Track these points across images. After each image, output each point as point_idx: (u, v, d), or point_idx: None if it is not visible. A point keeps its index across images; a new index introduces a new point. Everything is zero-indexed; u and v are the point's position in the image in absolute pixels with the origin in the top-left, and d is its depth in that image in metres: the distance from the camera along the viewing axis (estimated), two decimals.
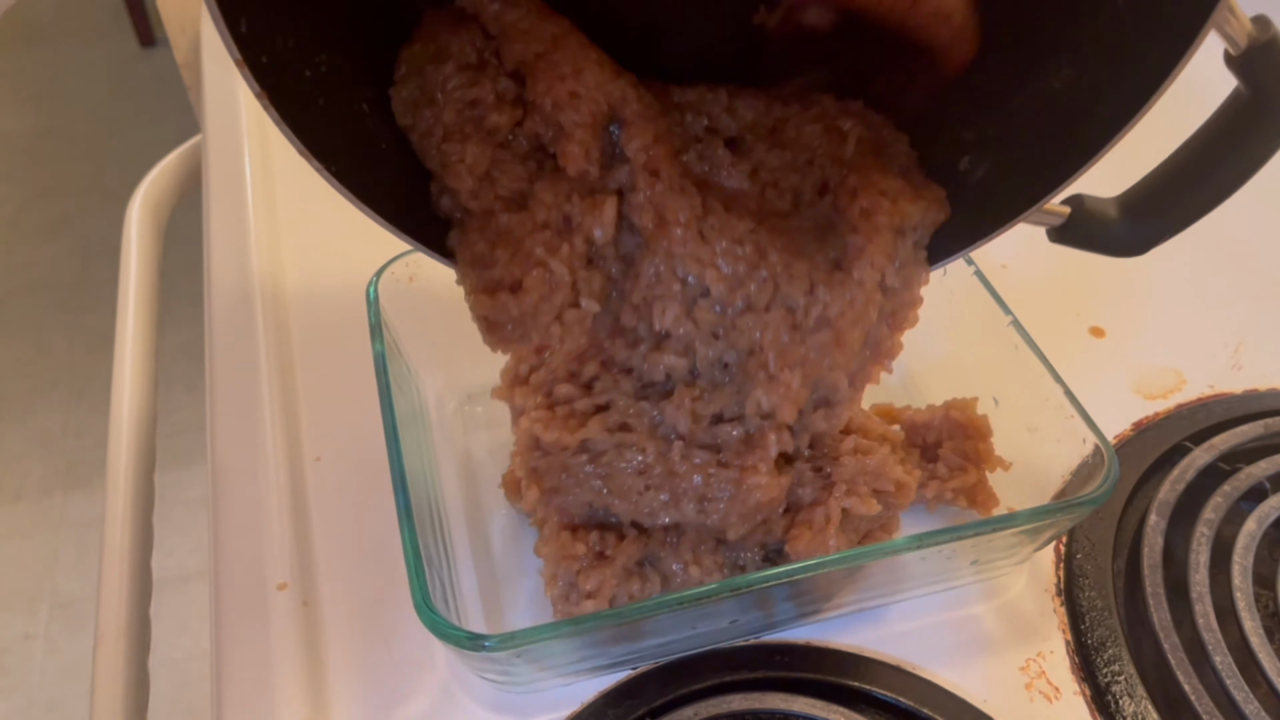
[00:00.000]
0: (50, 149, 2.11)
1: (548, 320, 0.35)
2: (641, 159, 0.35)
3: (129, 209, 0.69)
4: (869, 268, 0.36)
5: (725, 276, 0.36)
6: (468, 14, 0.35)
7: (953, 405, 0.45)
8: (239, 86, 0.71)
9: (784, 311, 0.36)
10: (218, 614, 0.42)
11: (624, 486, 0.38)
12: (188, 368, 1.24)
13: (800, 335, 0.36)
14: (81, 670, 1.30)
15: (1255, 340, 0.55)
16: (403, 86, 0.35)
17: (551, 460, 0.39)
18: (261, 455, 0.47)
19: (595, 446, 0.38)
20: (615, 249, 0.36)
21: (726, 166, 0.38)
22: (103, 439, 0.54)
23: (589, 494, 0.38)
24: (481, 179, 0.35)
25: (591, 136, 0.34)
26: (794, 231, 0.37)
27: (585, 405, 0.39)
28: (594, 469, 0.38)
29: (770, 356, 0.36)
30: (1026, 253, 0.60)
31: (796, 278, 0.36)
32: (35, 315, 1.78)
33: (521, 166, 0.36)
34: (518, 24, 0.35)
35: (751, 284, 0.36)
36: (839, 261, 0.37)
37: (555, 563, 0.38)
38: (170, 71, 0.99)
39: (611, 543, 0.39)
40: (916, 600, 0.43)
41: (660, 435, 0.38)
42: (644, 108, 0.36)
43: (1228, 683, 0.39)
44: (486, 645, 0.32)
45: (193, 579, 1.35)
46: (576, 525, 0.39)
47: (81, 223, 1.94)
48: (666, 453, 0.38)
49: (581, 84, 0.34)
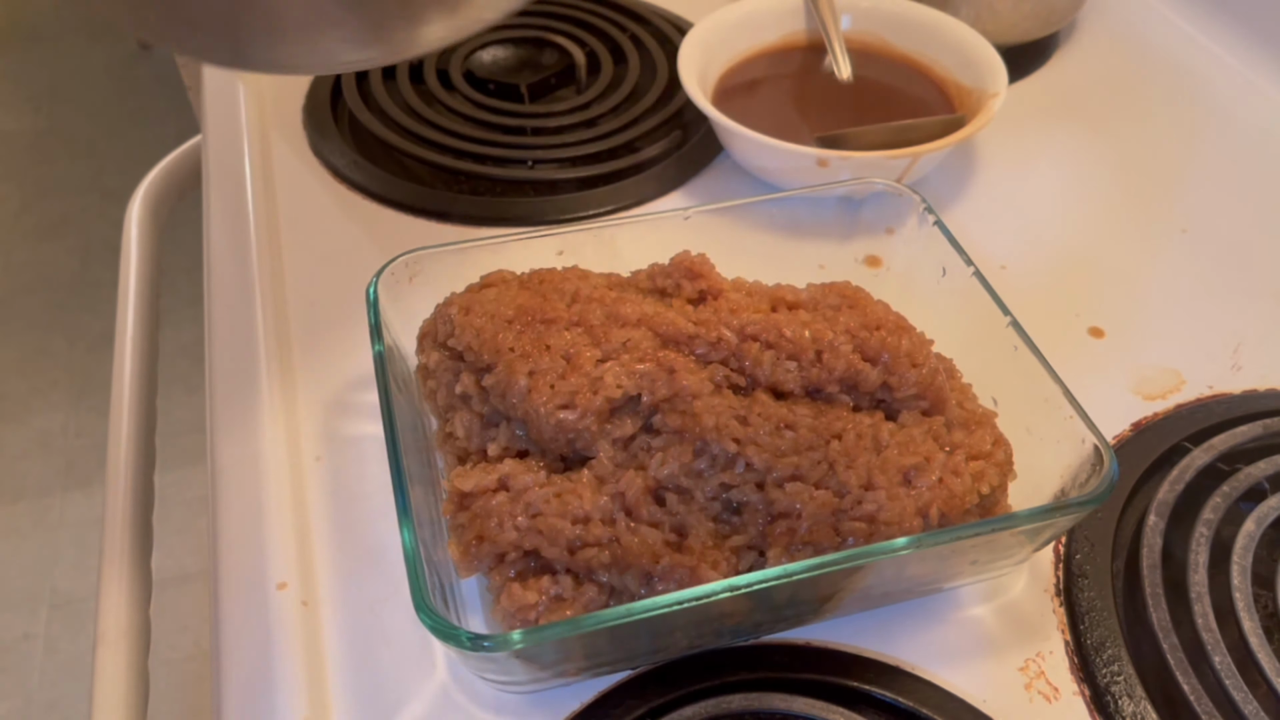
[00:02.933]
0: (50, 149, 2.11)
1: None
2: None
3: (129, 209, 0.69)
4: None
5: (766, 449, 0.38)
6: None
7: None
8: (239, 86, 0.71)
9: (830, 493, 0.38)
10: (218, 614, 0.42)
11: (554, 529, 0.37)
12: (188, 368, 1.24)
13: (838, 518, 0.37)
14: (81, 670, 1.30)
15: (1255, 340, 0.55)
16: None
17: (474, 509, 0.38)
18: (261, 455, 0.47)
19: (515, 484, 0.38)
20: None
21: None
22: (103, 439, 0.54)
23: (512, 534, 0.37)
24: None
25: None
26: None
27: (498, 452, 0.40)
28: (516, 507, 0.37)
29: (803, 527, 0.37)
30: (1026, 253, 0.60)
31: (855, 468, 0.38)
32: (35, 315, 1.78)
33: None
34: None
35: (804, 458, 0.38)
36: (910, 479, 0.38)
37: (510, 619, 0.36)
38: (170, 71, 0.99)
39: (568, 586, 0.37)
40: (915, 600, 0.43)
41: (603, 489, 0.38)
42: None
43: (1227, 683, 0.39)
44: (486, 645, 0.32)
45: (193, 579, 1.35)
46: (523, 573, 0.37)
47: (81, 223, 1.94)
48: (612, 513, 0.38)
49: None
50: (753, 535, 0.38)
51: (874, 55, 0.70)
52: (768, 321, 0.41)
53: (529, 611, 0.36)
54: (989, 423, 0.42)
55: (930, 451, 0.39)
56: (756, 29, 0.69)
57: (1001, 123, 0.68)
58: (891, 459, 0.38)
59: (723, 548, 0.37)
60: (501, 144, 0.66)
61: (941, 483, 0.38)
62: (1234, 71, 0.75)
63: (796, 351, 0.41)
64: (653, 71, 0.73)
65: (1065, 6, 0.74)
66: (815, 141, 0.61)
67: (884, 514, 0.37)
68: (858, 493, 0.37)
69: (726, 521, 0.38)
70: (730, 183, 0.64)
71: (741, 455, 0.38)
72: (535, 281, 0.44)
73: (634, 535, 0.37)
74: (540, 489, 0.38)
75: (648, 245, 0.48)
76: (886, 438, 0.39)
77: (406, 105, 0.70)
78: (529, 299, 0.42)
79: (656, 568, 0.36)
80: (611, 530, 0.37)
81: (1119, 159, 0.68)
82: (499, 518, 0.37)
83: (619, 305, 0.42)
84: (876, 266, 0.52)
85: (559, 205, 0.62)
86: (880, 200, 0.50)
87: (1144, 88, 0.74)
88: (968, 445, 0.40)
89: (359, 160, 0.65)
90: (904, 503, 0.37)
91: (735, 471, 0.38)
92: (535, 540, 0.37)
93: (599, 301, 0.42)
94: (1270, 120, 0.71)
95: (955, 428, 0.41)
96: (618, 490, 0.38)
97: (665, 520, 0.38)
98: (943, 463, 0.38)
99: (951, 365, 0.44)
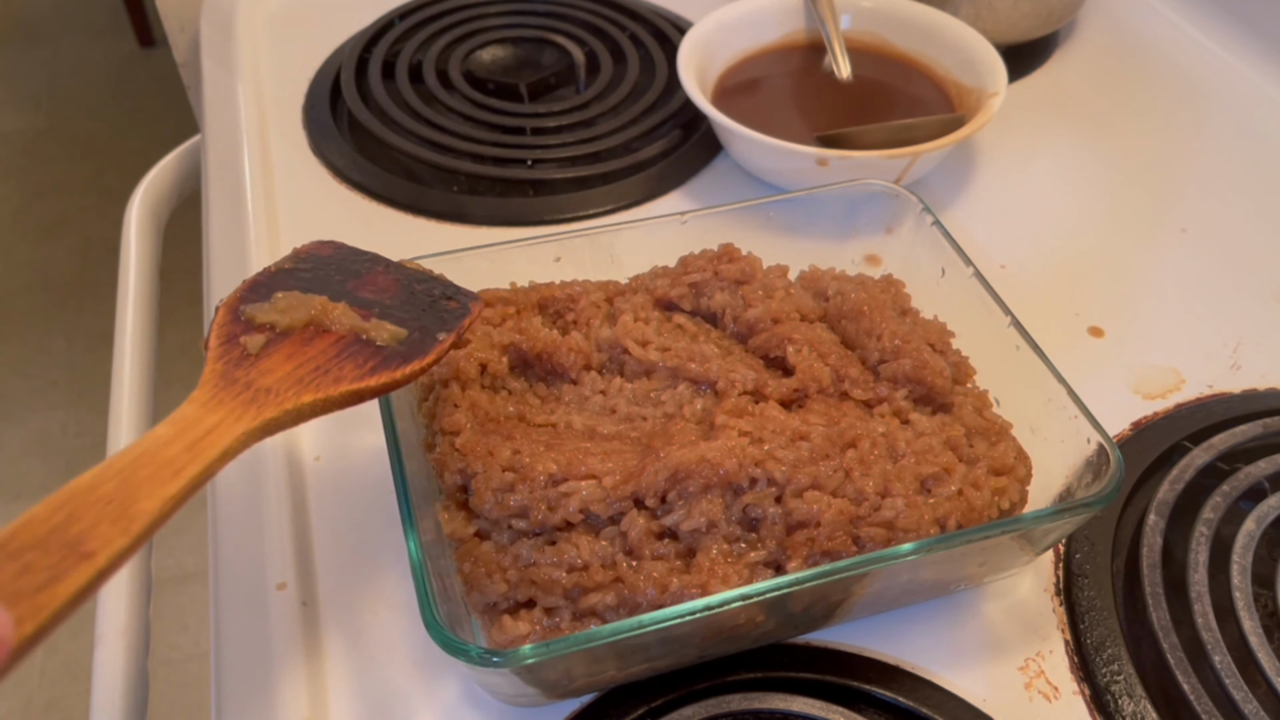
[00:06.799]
0: (50, 149, 2.11)
1: None
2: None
3: (128, 209, 0.69)
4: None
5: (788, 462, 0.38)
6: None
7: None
8: (238, 86, 0.71)
9: (848, 501, 0.37)
10: (218, 614, 0.42)
11: (549, 580, 0.36)
12: (188, 368, 1.24)
13: (856, 525, 0.37)
14: (81, 670, 1.30)
15: (1254, 340, 0.55)
16: None
17: (463, 550, 0.38)
18: (261, 455, 0.47)
19: (500, 535, 0.37)
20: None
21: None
22: (103, 439, 0.54)
23: (503, 586, 0.36)
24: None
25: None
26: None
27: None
28: (504, 558, 0.37)
29: (822, 535, 0.36)
30: (1025, 253, 0.60)
31: (872, 477, 0.38)
32: (35, 315, 1.78)
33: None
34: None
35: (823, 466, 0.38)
36: (929, 487, 0.38)
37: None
38: (170, 71, 0.99)
39: (564, 618, 0.36)
40: (916, 602, 0.43)
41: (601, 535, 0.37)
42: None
43: (1226, 682, 0.39)
44: (495, 661, 0.32)
45: (192, 579, 1.35)
46: (514, 607, 0.37)
47: (81, 223, 1.94)
48: (611, 555, 0.37)
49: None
50: (771, 549, 0.37)
51: (874, 55, 0.70)
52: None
53: (523, 643, 0.35)
54: (1008, 434, 0.41)
55: (949, 463, 0.38)
56: (756, 28, 0.69)
57: (1001, 122, 0.68)
58: (908, 468, 0.38)
59: (738, 564, 0.36)
60: (501, 143, 0.66)
61: (961, 495, 0.38)
62: (1234, 71, 0.75)
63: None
64: (652, 71, 0.73)
65: (1065, 6, 0.74)
66: (815, 141, 0.61)
67: (902, 520, 0.36)
68: (875, 500, 0.37)
69: (742, 539, 0.37)
70: (729, 182, 0.64)
71: (764, 474, 0.37)
72: (533, 299, 0.44)
73: (638, 574, 0.36)
74: (530, 539, 0.37)
75: (645, 250, 0.48)
76: (903, 446, 0.39)
77: (406, 105, 0.70)
78: (507, 408, 0.41)
79: (666, 596, 0.35)
80: (613, 572, 0.36)
81: (1118, 159, 0.68)
82: (487, 568, 0.36)
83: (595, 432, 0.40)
84: (876, 266, 0.52)
85: (558, 204, 0.62)
86: (879, 200, 0.50)
87: (1143, 88, 0.74)
88: (990, 458, 0.39)
89: (359, 160, 0.65)
90: (922, 510, 0.37)
91: (757, 490, 0.37)
92: (529, 591, 0.36)
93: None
94: (1270, 120, 0.71)
95: (975, 437, 0.41)
96: (619, 532, 0.37)
97: (671, 550, 0.37)
98: (963, 475, 0.38)
99: (966, 361, 0.44)
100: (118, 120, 2.18)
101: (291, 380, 0.33)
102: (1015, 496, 0.39)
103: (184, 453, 0.29)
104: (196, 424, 0.30)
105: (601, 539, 0.37)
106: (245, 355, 0.34)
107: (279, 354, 0.34)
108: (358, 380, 0.34)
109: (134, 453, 0.29)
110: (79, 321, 1.76)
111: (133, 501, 0.27)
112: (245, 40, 0.76)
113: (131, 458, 0.28)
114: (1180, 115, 0.72)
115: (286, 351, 0.34)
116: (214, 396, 0.32)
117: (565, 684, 0.38)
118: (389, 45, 0.75)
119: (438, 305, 0.39)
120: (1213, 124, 0.71)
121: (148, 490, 0.28)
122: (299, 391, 0.33)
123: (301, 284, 0.37)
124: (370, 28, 0.77)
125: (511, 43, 0.76)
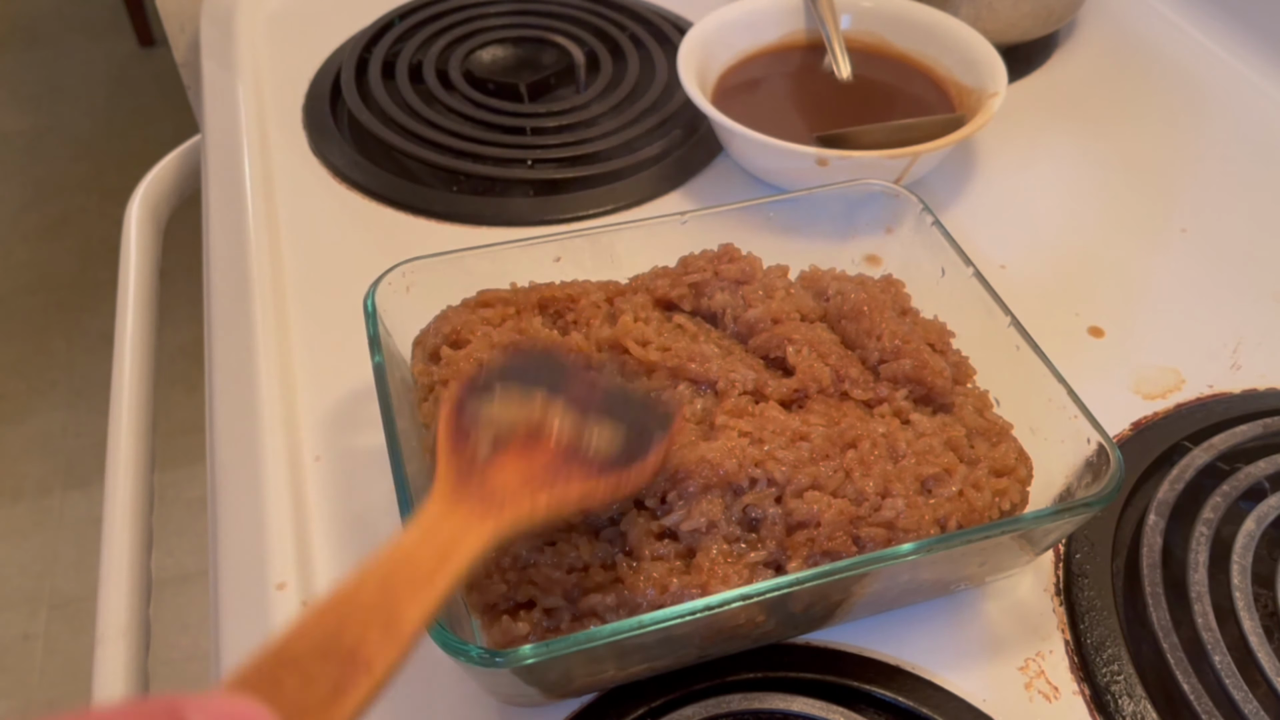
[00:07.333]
0: (50, 149, 2.11)
1: None
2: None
3: (129, 209, 0.69)
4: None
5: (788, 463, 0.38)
6: None
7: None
8: (238, 86, 0.71)
9: (848, 501, 0.37)
10: (218, 614, 0.42)
11: (548, 580, 0.36)
12: (188, 368, 1.24)
13: (856, 525, 0.37)
14: (81, 670, 1.30)
15: (1254, 340, 0.55)
16: None
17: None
18: (261, 455, 0.47)
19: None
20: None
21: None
22: (103, 439, 0.54)
23: (501, 587, 0.36)
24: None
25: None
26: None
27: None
28: (503, 558, 0.37)
29: (822, 535, 0.36)
30: (1025, 253, 0.60)
31: (873, 477, 0.38)
32: (35, 315, 1.78)
33: None
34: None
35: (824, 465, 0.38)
36: (929, 488, 0.38)
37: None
38: (170, 71, 0.99)
39: (564, 619, 0.36)
40: (916, 602, 0.43)
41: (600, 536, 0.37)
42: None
43: (1227, 682, 0.39)
44: (497, 661, 0.32)
45: (193, 579, 1.35)
46: (513, 607, 0.37)
47: (81, 223, 1.94)
48: (611, 556, 0.37)
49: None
50: (771, 549, 0.37)
51: (874, 55, 0.70)
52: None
53: (521, 644, 0.35)
54: (1009, 435, 0.41)
55: (950, 463, 0.38)
56: (756, 28, 0.69)
57: (1001, 122, 0.68)
58: (909, 468, 0.38)
59: (738, 564, 0.36)
60: (501, 143, 0.66)
61: (962, 495, 0.38)
62: (1234, 71, 0.75)
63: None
64: (652, 71, 0.73)
65: (1065, 6, 0.74)
66: (815, 141, 0.61)
67: (903, 520, 0.36)
68: (875, 500, 0.37)
69: (742, 539, 0.37)
70: (729, 182, 0.64)
71: (764, 474, 0.37)
72: (533, 299, 0.44)
73: (638, 574, 0.36)
74: (528, 540, 0.37)
75: (645, 250, 0.48)
76: (904, 447, 0.39)
77: (406, 105, 0.70)
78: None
79: (666, 596, 0.35)
80: (613, 573, 0.36)
81: (1118, 159, 0.68)
82: (486, 568, 0.36)
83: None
84: (876, 266, 0.52)
85: (558, 204, 0.62)
86: (879, 200, 0.50)
87: (1143, 87, 0.74)
88: (991, 459, 0.39)
89: (359, 160, 0.65)
90: (922, 511, 0.37)
91: (757, 491, 0.37)
92: (529, 591, 0.36)
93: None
94: (1270, 120, 0.71)
95: (976, 437, 0.41)
96: (619, 532, 0.37)
97: (671, 550, 0.37)
98: (964, 475, 0.38)
99: (966, 361, 0.44)
100: (118, 120, 2.18)
101: (524, 478, 0.33)
102: (1016, 498, 0.39)
103: (434, 559, 0.29)
104: (440, 528, 0.30)
105: (601, 539, 0.37)
106: (475, 453, 0.33)
107: (508, 453, 0.33)
108: (585, 479, 0.34)
109: (388, 559, 0.28)
110: (79, 321, 1.76)
111: (397, 609, 0.26)
112: (245, 40, 0.76)
113: (387, 564, 0.28)
114: (1180, 115, 0.72)
115: (514, 450, 0.34)
116: (453, 495, 0.31)
117: (565, 684, 0.37)
118: (389, 45, 0.75)
119: (644, 403, 0.38)
120: (1213, 124, 0.71)
121: (408, 596, 0.27)
122: (533, 490, 0.32)
123: (519, 381, 0.36)
124: (370, 28, 0.77)
125: (511, 43, 0.76)
